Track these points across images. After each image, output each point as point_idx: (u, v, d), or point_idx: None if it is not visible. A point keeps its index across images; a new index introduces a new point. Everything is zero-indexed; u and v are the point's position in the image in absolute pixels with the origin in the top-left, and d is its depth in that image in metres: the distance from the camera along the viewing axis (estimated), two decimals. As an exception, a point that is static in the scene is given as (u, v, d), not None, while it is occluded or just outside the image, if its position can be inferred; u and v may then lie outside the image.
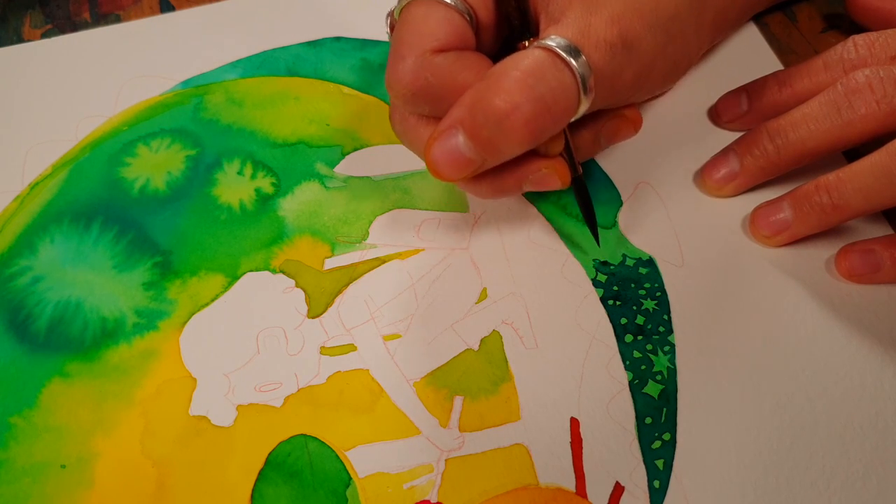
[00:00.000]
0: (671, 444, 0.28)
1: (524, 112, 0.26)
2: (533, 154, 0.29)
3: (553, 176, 0.30)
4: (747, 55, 0.39)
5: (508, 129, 0.26)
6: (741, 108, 0.36)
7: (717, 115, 0.37)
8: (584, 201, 0.32)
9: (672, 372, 0.30)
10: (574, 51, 0.27)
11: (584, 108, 0.28)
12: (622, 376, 0.30)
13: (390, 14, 0.31)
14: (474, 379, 0.30)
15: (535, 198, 0.35)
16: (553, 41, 0.27)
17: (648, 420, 0.29)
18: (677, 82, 0.37)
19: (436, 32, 0.28)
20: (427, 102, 0.28)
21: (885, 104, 0.30)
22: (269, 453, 0.29)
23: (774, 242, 0.33)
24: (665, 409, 0.29)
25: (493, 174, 0.29)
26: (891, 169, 0.29)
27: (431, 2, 0.28)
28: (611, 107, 0.31)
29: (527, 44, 0.29)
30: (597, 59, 0.27)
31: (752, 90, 0.36)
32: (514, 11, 0.29)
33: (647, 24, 0.28)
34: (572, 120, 0.28)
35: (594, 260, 0.33)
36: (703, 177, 0.35)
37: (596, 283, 0.32)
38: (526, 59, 0.27)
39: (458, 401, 0.30)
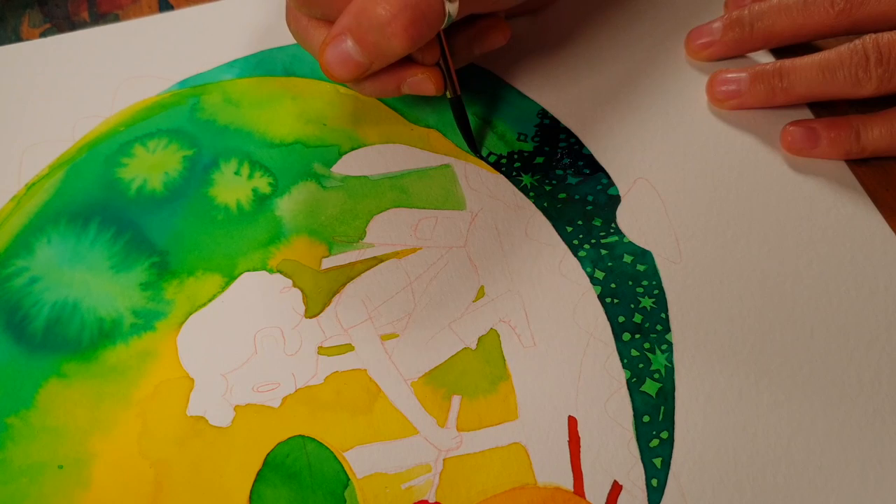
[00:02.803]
0: (669, 443, 0.28)
1: (402, 19, 0.30)
2: (412, 62, 0.33)
3: (427, 82, 0.34)
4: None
5: (391, 34, 0.30)
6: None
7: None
8: (461, 119, 0.36)
9: (670, 370, 0.30)
10: None
11: (452, 12, 0.31)
12: (620, 374, 0.30)
13: None
14: (472, 378, 0.30)
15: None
16: None
17: (646, 418, 0.29)
18: None
19: None
20: (318, 6, 0.32)
21: (835, 9, 0.35)
22: (268, 454, 0.29)
23: (725, 106, 0.37)
24: (663, 408, 0.29)
25: (376, 76, 0.33)
26: (833, 67, 0.34)
27: None
28: (479, 11, 0.34)
29: None
30: None
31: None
32: None
33: None
34: (444, 26, 0.31)
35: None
36: (687, 39, 0.39)
37: (594, 281, 0.32)
38: None
39: (455, 400, 0.30)
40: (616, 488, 0.28)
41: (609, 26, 0.41)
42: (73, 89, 0.39)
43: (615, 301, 0.32)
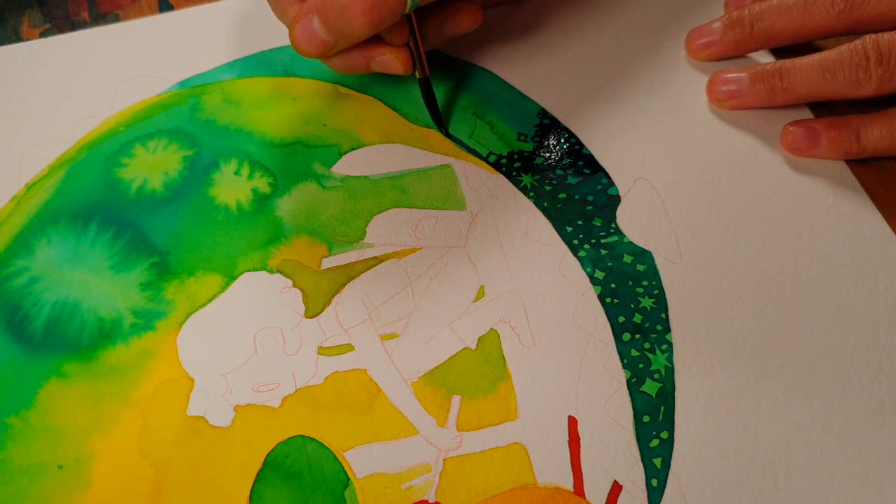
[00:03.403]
0: (669, 443, 0.28)
1: (362, 3, 0.31)
2: (381, 41, 0.34)
3: (395, 61, 0.35)
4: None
5: (351, 17, 0.31)
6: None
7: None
8: (429, 99, 0.37)
9: (670, 370, 0.30)
10: None
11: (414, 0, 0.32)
12: (620, 374, 0.30)
13: None
14: (472, 378, 0.30)
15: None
16: None
17: (646, 418, 0.29)
18: None
19: None
20: None
21: (835, 9, 0.35)
22: (268, 454, 0.29)
23: (725, 106, 0.37)
24: (663, 408, 0.29)
25: (345, 53, 0.34)
26: (833, 67, 0.34)
27: None
28: None
29: None
30: None
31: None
32: None
33: None
34: (411, 9, 0.32)
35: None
36: (687, 40, 0.39)
37: (594, 281, 0.32)
38: None
39: (455, 400, 0.30)
40: (616, 488, 0.28)
41: (610, 26, 0.41)
42: (73, 89, 0.39)
43: (615, 301, 0.32)
